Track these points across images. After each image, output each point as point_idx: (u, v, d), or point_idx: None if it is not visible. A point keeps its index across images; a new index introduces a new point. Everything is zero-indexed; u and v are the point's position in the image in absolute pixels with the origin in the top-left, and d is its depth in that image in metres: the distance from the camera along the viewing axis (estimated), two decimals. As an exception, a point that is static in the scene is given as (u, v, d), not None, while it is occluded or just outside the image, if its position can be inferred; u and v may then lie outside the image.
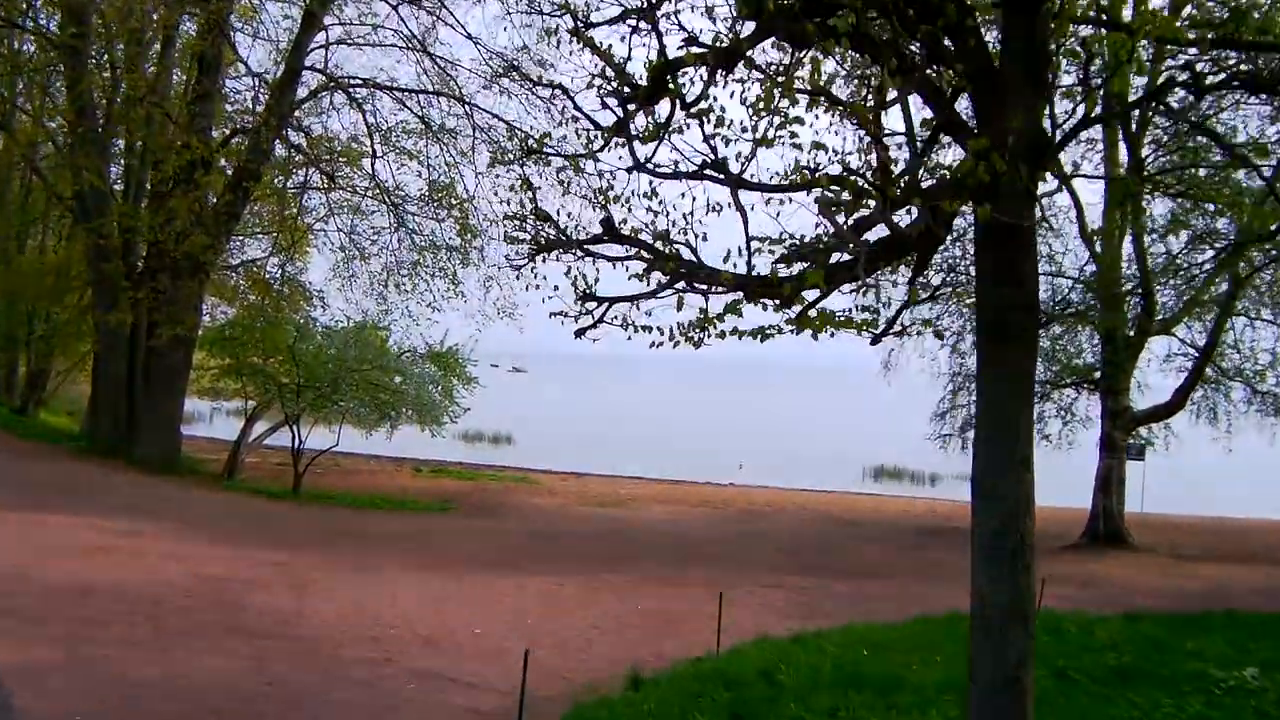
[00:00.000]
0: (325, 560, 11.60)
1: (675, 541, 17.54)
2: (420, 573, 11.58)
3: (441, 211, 19.95)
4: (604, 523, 20.05)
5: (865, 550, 18.22)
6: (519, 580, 11.70)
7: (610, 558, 14.73)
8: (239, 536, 12.57)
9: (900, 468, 40.95)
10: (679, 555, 15.57)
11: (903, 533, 21.38)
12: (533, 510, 21.72)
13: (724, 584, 13.06)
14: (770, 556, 16.22)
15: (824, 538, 19.59)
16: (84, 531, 11.29)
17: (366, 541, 13.98)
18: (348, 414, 20.94)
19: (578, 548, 15.81)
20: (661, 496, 26.42)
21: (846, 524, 22.02)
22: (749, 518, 22.54)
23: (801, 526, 21.32)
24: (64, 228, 26.63)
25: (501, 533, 16.99)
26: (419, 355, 22.80)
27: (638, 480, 33.31)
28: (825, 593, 12.57)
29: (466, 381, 24.40)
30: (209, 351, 22.98)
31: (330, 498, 21.67)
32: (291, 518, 15.65)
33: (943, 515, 24.49)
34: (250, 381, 22.14)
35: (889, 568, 15.81)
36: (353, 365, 20.92)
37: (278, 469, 26.85)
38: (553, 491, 26.27)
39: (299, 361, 20.95)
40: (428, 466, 31.39)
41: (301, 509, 17.80)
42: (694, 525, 20.51)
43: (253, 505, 16.88)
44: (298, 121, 18.47)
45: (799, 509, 24.77)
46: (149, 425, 19.31)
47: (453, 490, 25.42)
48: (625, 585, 12.05)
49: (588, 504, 23.87)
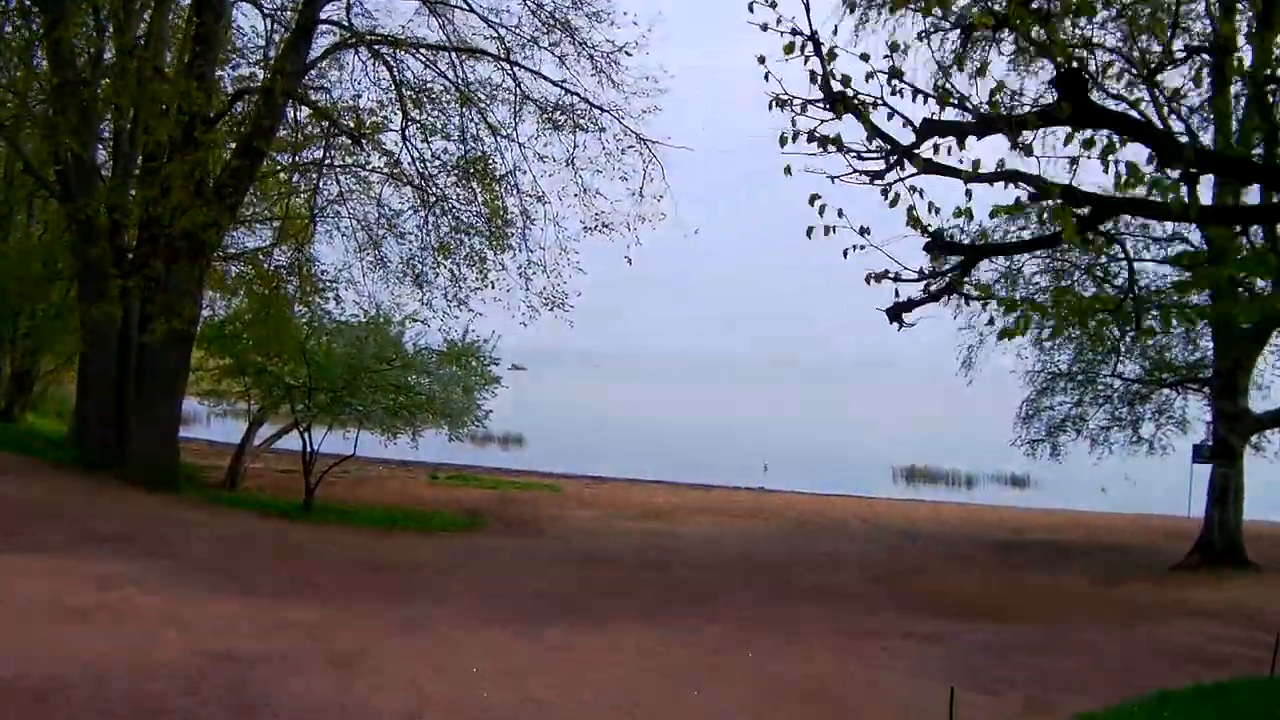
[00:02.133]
0: (363, 615, 9.02)
1: (748, 566, 15.03)
2: (484, 629, 9.02)
3: (474, 186, 17.27)
4: (654, 541, 17.51)
5: (962, 574, 15.74)
6: (606, 634, 9.17)
7: (690, 592, 12.20)
8: (251, 580, 9.96)
9: (931, 469, 38.73)
10: (767, 587, 13.06)
11: (983, 548, 18.91)
12: (571, 526, 19.17)
13: (853, 630, 10.62)
14: (869, 587, 13.73)
15: (906, 558, 17.10)
16: (56, 581, 8.70)
17: (403, 579, 11.41)
18: (366, 419, 18.27)
19: (644, 578, 13.27)
20: (700, 505, 23.91)
21: (927, 539, 19.53)
22: (807, 532, 20.03)
23: (871, 543, 18.82)
24: (48, 212, 23.80)
25: (550, 559, 14.44)
26: (437, 353, 20.18)
27: (663, 485, 30.85)
28: (985, 645, 10.05)
29: (488, 382, 21.79)
30: (207, 350, 20.33)
31: (346, 514, 19.04)
32: (308, 546, 13.05)
33: (1013, 527, 22.03)
34: (255, 383, 19.49)
35: (1012, 600, 13.31)
36: (370, 364, 18.31)
37: (283, 478, 24.22)
38: (583, 501, 23.73)
39: (310, 360, 18.34)
40: (443, 472, 28.81)
41: (317, 532, 15.20)
42: (755, 544, 18.00)
43: (261, 529, 14.26)
44: (313, 83, 15.87)
45: (855, 520, 22.27)
46: (142, 434, 16.65)
47: (477, 501, 22.85)
48: (732, 637, 9.51)
49: (626, 516, 21.33)
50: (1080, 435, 19.45)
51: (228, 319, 20.69)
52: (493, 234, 17.75)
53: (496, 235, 17.64)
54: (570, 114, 15.68)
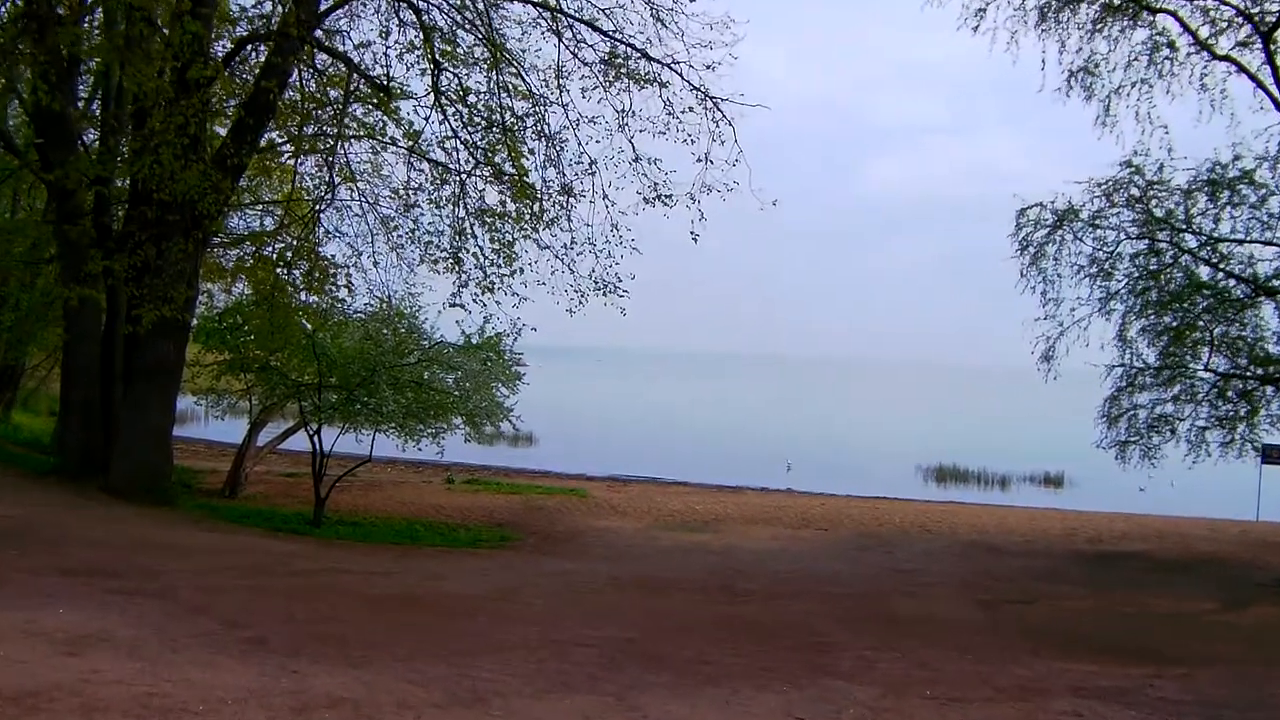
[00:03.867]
0: (410, 681, 6.75)
1: (834, 593, 12.80)
2: (567, 697, 6.79)
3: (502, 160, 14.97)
4: (714, 561, 15.30)
5: (1072, 597, 13.55)
6: (727, 704, 6.94)
7: (794, 633, 9.95)
8: (260, 630, 7.71)
9: (960, 468, 36.72)
10: (872, 622, 10.83)
11: (1071, 562, 16.76)
12: (613, 542, 16.95)
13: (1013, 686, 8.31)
14: (980, 615, 11.49)
15: (997, 576, 14.92)
16: (9, 643, 6.48)
17: (444, 621, 9.16)
18: (384, 420, 15.97)
19: (726, 614, 11.01)
20: (743, 512, 21.68)
21: (1006, 552, 17.34)
22: (875, 545, 17.82)
23: (951, 558, 16.63)
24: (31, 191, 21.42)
25: (606, 586, 12.20)
26: (454, 347, 17.90)
27: (689, 488, 28.65)
28: (1184, 705, 7.84)
29: (511, 379, 19.55)
30: (206, 344, 18.04)
31: (360, 527, 16.81)
32: (324, 575, 10.78)
33: (1088, 536, 19.87)
34: (258, 380, 17.22)
35: (1156, 634, 11.09)
36: (389, 359, 16.07)
37: (288, 483, 21.96)
38: (615, 509, 21.50)
39: (321, 355, 16.09)
40: (458, 475, 26.56)
41: (331, 552, 12.96)
42: (825, 562, 15.79)
43: (266, 552, 11.99)
44: (326, 38, 13.59)
45: (917, 529, 20.07)
46: (131, 437, 14.40)
47: (501, 510, 20.61)
48: (890, 708, 7.30)
49: (669, 528, 19.11)
50: (1174, 436, 17.27)
51: (228, 310, 18.41)
52: (520, 215, 15.45)
53: (530, 217, 15.32)
54: (624, 67, 13.33)
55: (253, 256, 16.68)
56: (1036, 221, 16.66)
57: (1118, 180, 16.39)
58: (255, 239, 16.19)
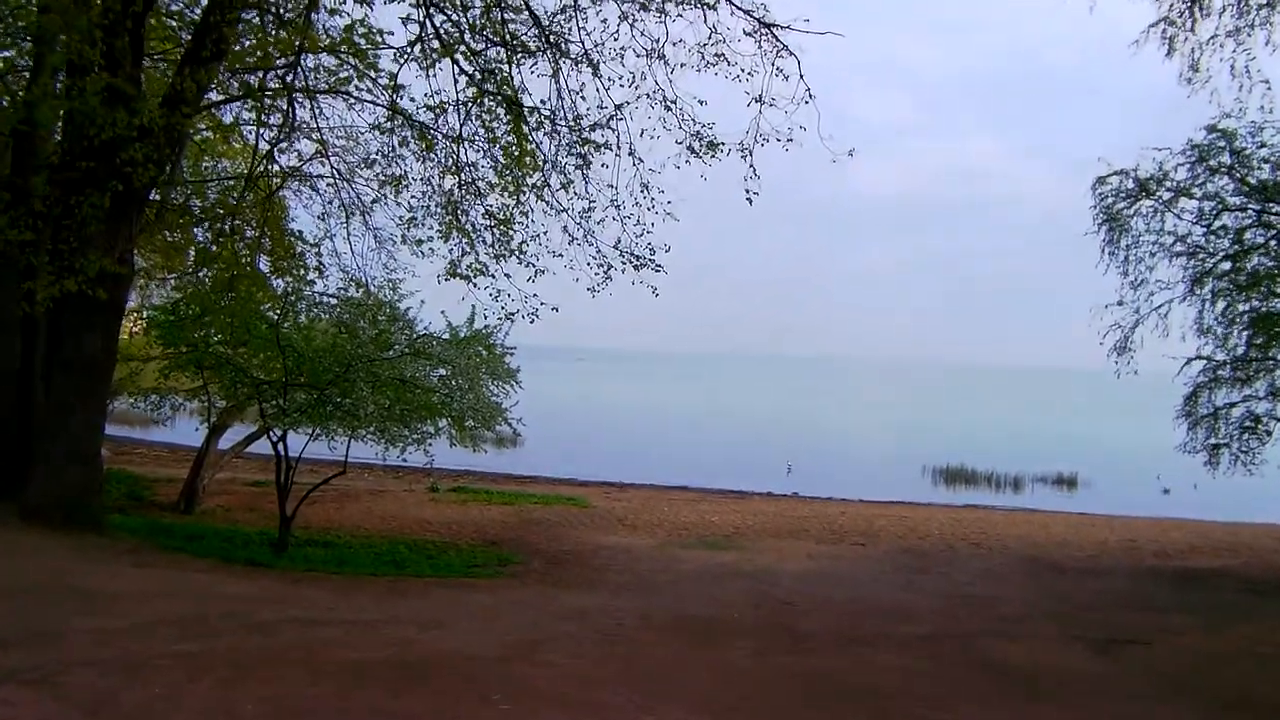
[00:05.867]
0: None
1: (910, 632, 10.39)
2: None
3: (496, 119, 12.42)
4: (753, 586, 12.84)
5: (1187, 630, 11.21)
6: None
7: (911, 703, 7.45)
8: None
9: (968, 469, 34.65)
10: (977, 672, 8.41)
11: (1153, 583, 14.50)
12: (629, 565, 14.43)
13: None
14: (1099, 664, 9.01)
15: (1081, 603, 12.58)
16: None
17: (450, 706, 6.63)
18: (363, 423, 13.33)
19: (803, 670, 8.54)
20: (763, 523, 19.25)
21: (1074, 571, 15.05)
22: (924, 564, 15.43)
23: (1016, 579, 14.31)
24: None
25: (640, 628, 9.68)
26: (439, 340, 15.24)
27: (691, 493, 26.24)
28: None
29: (504, 377, 16.93)
30: (163, 340, 15.31)
31: (334, 548, 14.23)
32: (289, 629, 8.18)
33: (1154, 549, 17.63)
34: (213, 378, 14.53)
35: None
36: (368, 353, 13.46)
37: (255, 494, 19.26)
38: (621, 521, 19.00)
39: (287, 348, 13.46)
40: (441, 481, 23.94)
41: (299, 592, 10.35)
42: (881, 588, 13.36)
43: (215, 596, 9.34)
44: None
45: (962, 543, 17.73)
46: (52, 448, 11.70)
47: (494, 524, 18.03)
48: None
49: (688, 544, 16.63)
50: (1269, 438, 15.07)
51: (191, 295, 15.60)
52: (517, 185, 12.88)
53: (531, 188, 12.75)
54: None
55: (210, 232, 13.99)
56: (1118, 191, 14.35)
57: (1209, 145, 14.13)
58: (209, 212, 13.47)
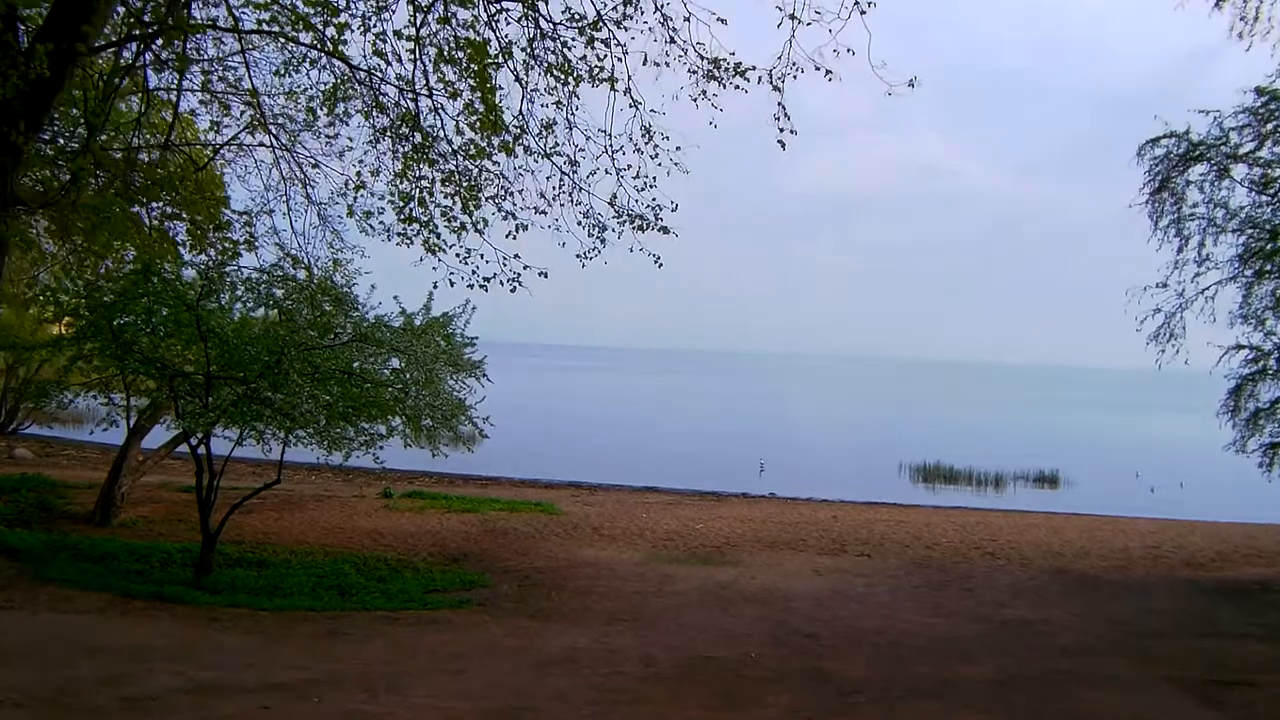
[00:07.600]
0: None
1: (990, 680, 8.40)
2: None
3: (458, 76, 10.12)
4: (762, 614, 10.88)
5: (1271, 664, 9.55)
6: None
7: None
8: None
9: (945, 466, 33.10)
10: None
11: (1202, 599, 12.79)
12: (614, 586, 12.37)
13: None
14: (1200, 712, 7.39)
15: (1140, 628, 10.83)
16: None
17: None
18: (299, 423, 11.09)
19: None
20: (753, 531, 17.30)
21: (1107, 584, 13.31)
22: (950, 577, 13.58)
23: (1075, 603, 12.48)
24: None
25: (641, 681, 7.66)
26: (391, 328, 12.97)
27: (664, 495, 24.26)
28: None
29: (468, 370, 14.77)
30: (88, 335, 12.77)
31: (268, 570, 11.96)
32: (177, 710, 6.03)
33: (1180, 557, 16.02)
34: (114, 369, 12.09)
35: None
36: (305, 340, 11.21)
37: (182, 502, 16.86)
38: (599, 531, 16.92)
39: (208, 334, 11.17)
40: (395, 484, 21.69)
41: (208, 642, 8.12)
42: (921, 614, 11.46)
43: (94, 651, 7.07)
44: None
45: (975, 551, 15.96)
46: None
47: (455, 535, 15.87)
48: None
49: (675, 558, 14.62)
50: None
51: (106, 276, 13.12)
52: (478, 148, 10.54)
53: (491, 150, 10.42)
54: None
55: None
56: (1168, 156, 12.61)
57: (1264, 108, 12.45)
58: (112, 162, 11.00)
